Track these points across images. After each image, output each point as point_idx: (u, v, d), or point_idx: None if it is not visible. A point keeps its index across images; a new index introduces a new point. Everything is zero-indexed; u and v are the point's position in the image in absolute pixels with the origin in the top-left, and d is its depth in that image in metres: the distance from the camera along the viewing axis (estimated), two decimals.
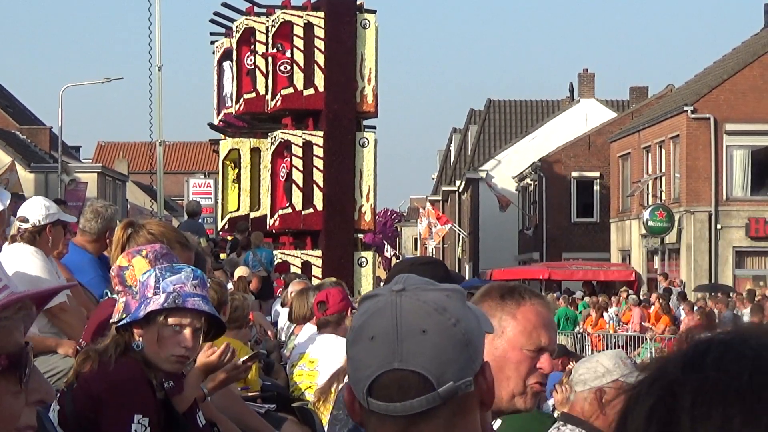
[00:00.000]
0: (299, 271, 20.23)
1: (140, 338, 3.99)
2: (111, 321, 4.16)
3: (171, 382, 4.16)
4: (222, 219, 23.54)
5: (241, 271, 14.35)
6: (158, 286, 3.97)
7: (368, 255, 22.39)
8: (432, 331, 1.93)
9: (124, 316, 4.05)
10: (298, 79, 22.00)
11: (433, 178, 79.03)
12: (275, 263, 19.79)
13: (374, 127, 23.27)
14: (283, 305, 13.73)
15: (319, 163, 21.73)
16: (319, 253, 21.51)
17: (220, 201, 24.26)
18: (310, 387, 7.66)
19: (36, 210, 6.67)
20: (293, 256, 21.35)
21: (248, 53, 23.07)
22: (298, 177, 21.74)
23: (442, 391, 1.91)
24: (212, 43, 25.67)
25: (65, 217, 6.92)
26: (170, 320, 3.98)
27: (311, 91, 21.91)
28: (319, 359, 7.64)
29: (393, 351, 1.93)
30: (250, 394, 6.98)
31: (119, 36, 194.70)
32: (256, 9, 23.28)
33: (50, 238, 6.65)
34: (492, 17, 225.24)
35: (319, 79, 21.92)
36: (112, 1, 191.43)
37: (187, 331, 4.01)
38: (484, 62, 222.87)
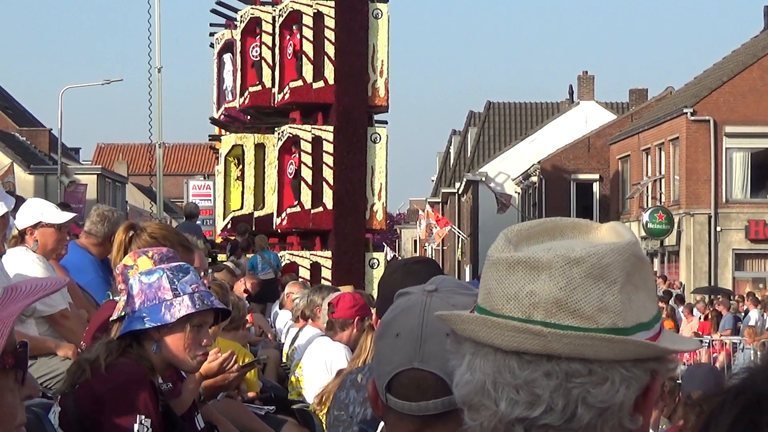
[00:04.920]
0: (308, 273, 19.88)
1: (158, 341, 3.99)
2: (111, 318, 4.16)
3: (169, 384, 4.17)
4: (225, 218, 22.83)
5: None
6: (175, 287, 3.98)
7: (380, 256, 21.52)
8: None
9: (123, 314, 4.04)
10: (307, 71, 21.11)
11: (432, 180, 79.03)
12: (282, 265, 19.48)
13: (386, 122, 22.33)
14: (281, 307, 13.74)
15: (329, 159, 20.84)
16: (329, 254, 20.69)
17: (222, 199, 23.48)
18: (299, 392, 7.68)
19: (19, 215, 6.66)
20: (301, 257, 20.58)
21: (254, 44, 22.28)
22: (307, 174, 20.88)
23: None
24: (212, 35, 25.15)
25: (51, 218, 6.76)
26: (196, 320, 4.02)
27: (321, 83, 21.01)
28: (304, 365, 7.66)
29: (415, 350, 1.95)
30: (249, 395, 6.99)
31: (119, 38, 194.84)
32: None
33: (36, 241, 6.61)
34: (491, 19, 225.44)
35: (329, 72, 21.02)
36: (112, 3, 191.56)
37: (207, 330, 4.08)
38: (484, 64, 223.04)
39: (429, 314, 1.95)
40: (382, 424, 2.56)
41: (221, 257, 18.89)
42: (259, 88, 22.03)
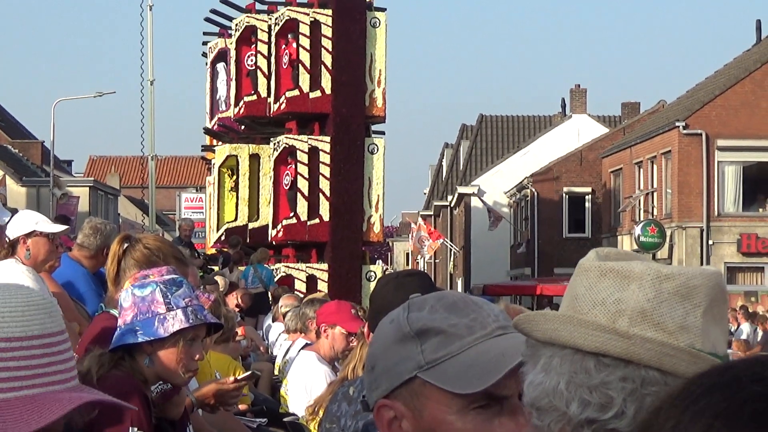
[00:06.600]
0: (304, 286, 19.71)
1: (151, 355, 3.98)
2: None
3: (168, 384, 4.17)
4: (218, 229, 22.55)
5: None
6: (168, 300, 3.97)
7: (376, 269, 21.37)
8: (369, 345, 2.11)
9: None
10: (304, 80, 20.91)
11: (425, 193, 79.03)
12: (277, 277, 19.33)
13: (383, 133, 22.16)
14: (274, 320, 13.72)
15: (325, 170, 20.65)
16: (325, 266, 20.48)
17: (215, 210, 23.19)
18: (286, 407, 7.67)
19: (12, 224, 6.63)
20: (298, 269, 20.41)
21: (249, 53, 22.09)
22: (303, 185, 20.70)
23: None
24: (204, 43, 24.94)
25: (45, 228, 6.76)
26: (189, 335, 4.00)
27: (317, 93, 20.83)
28: (289, 383, 7.65)
29: None
30: (240, 407, 6.98)
31: (111, 50, 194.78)
32: (258, 6, 22.31)
33: (28, 251, 6.58)
34: (484, 33, 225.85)
35: (326, 81, 20.83)
36: (105, 16, 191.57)
37: (199, 344, 4.07)
38: (477, 78, 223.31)
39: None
40: None
41: (215, 269, 18.83)
42: (255, 97, 21.78)
